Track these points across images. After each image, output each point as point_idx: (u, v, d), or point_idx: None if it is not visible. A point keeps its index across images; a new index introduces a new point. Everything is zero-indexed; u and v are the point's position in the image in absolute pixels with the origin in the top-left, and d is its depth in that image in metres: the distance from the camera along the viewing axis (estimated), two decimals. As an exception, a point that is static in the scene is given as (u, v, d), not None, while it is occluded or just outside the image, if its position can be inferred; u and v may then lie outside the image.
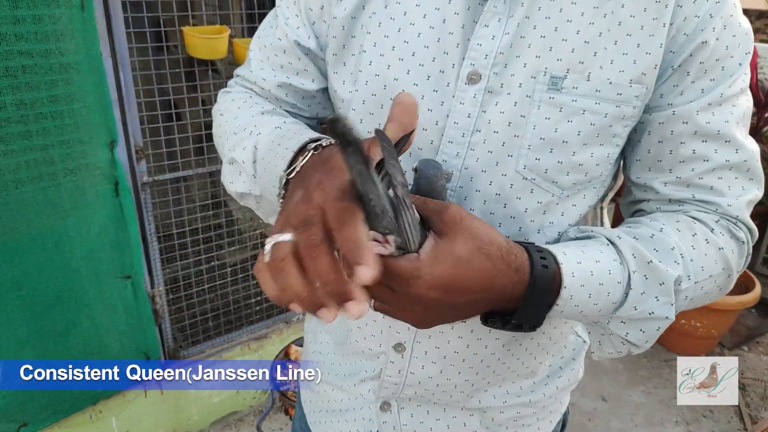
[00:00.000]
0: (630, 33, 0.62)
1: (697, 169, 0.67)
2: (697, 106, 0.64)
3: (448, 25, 0.65)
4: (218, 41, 1.71)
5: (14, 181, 1.49)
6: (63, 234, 1.62)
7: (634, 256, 0.61)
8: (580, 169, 0.66)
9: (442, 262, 0.52)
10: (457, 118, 0.65)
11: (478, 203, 0.67)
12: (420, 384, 0.77)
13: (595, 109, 0.63)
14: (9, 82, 1.42)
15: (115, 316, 1.81)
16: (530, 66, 0.63)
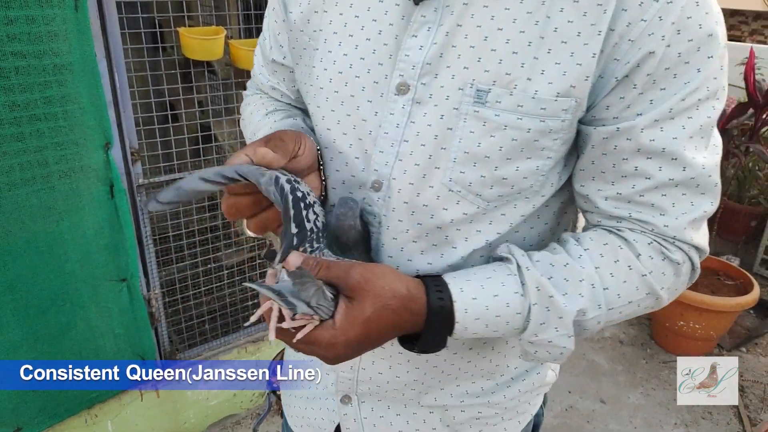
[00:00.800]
0: (565, 40, 0.59)
1: (638, 186, 0.64)
2: (643, 123, 0.61)
3: (383, 36, 0.66)
4: (214, 42, 1.70)
5: (7, 184, 1.48)
6: (57, 237, 1.61)
7: (537, 289, 0.64)
8: (504, 182, 0.65)
9: (355, 325, 0.60)
10: (387, 128, 0.67)
11: (406, 214, 0.68)
12: (371, 380, 0.80)
13: (517, 125, 0.62)
14: (1, 83, 1.41)
15: (110, 319, 1.80)
16: (458, 77, 0.62)
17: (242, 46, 1.79)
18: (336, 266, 0.61)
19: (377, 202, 0.70)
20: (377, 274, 0.62)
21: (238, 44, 1.79)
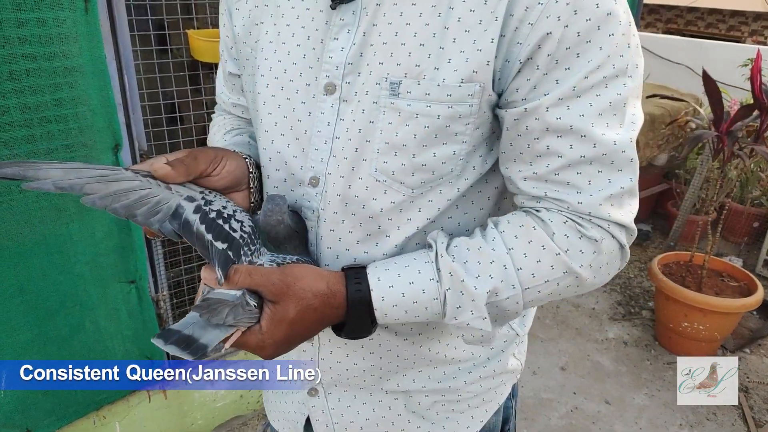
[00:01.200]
0: (468, 29, 0.62)
1: (552, 165, 0.66)
2: (548, 102, 0.63)
3: (311, 41, 0.72)
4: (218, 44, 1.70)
5: (18, 186, 1.48)
6: (67, 238, 1.61)
7: (450, 275, 0.68)
8: (424, 169, 0.68)
9: (280, 327, 0.65)
10: (320, 126, 0.72)
11: (340, 206, 0.73)
12: (332, 369, 0.83)
13: (427, 112, 0.65)
14: (13, 85, 1.41)
15: (119, 320, 1.80)
16: (375, 73, 0.67)
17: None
18: (257, 273, 0.66)
19: (315, 197, 0.74)
20: (297, 276, 0.67)
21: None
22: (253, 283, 0.65)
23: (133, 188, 0.68)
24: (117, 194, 0.66)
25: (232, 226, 0.72)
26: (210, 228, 0.69)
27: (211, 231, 0.69)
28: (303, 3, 0.73)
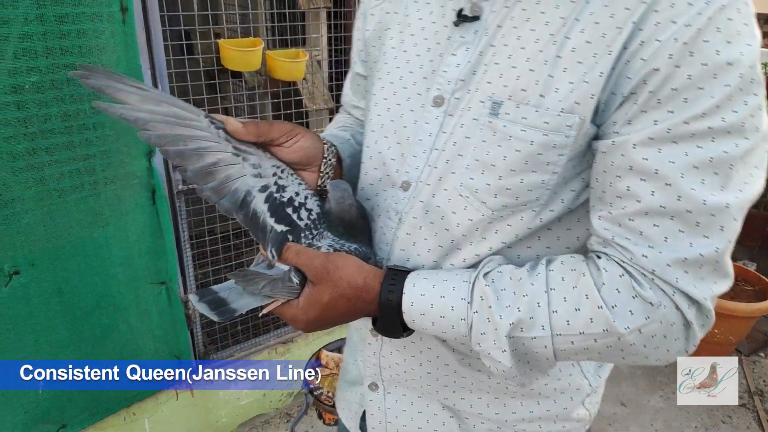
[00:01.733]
0: (581, 61, 0.61)
1: (628, 209, 0.61)
2: (637, 139, 0.59)
3: (430, 53, 0.74)
4: (253, 54, 1.75)
5: (57, 190, 1.54)
6: (102, 241, 1.67)
7: (481, 299, 0.67)
8: (508, 192, 0.67)
9: (314, 308, 0.71)
10: (422, 135, 0.74)
11: (421, 213, 0.74)
12: (391, 368, 0.85)
13: (521, 136, 0.64)
14: (54, 94, 1.46)
15: (149, 320, 1.86)
16: (481, 91, 0.68)
17: (278, 57, 1.85)
18: (304, 254, 0.72)
19: (402, 200, 0.76)
20: (338, 265, 0.71)
21: (274, 55, 1.84)
22: (299, 262, 0.72)
23: (196, 137, 0.71)
24: (177, 138, 0.69)
25: (300, 215, 0.77)
26: (275, 213, 0.75)
27: (275, 215, 0.75)
28: (430, 16, 0.75)
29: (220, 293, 0.73)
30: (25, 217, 1.50)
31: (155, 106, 0.70)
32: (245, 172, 0.74)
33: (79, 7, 1.43)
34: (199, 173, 0.71)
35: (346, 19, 2.16)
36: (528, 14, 0.65)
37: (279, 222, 0.75)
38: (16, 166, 1.45)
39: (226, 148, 0.73)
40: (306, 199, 0.78)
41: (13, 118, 1.41)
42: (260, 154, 0.76)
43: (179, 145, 0.70)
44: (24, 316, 1.58)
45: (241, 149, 0.74)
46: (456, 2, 0.72)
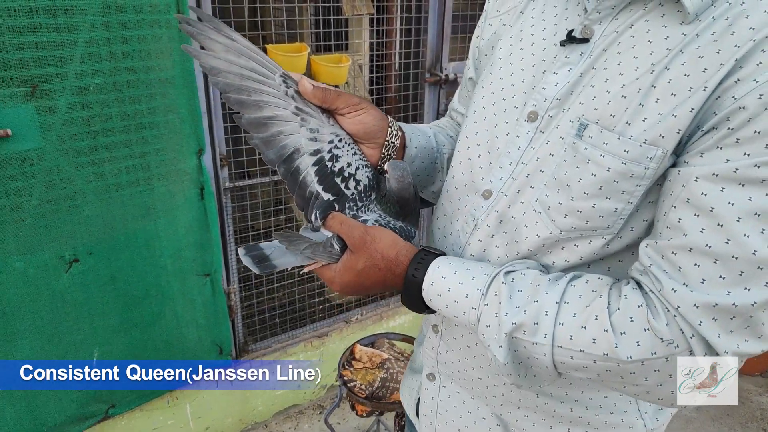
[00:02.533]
0: (675, 93, 0.60)
1: (673, 241, 0.60)
2: (700, 172, 0.58)
3: (534, 68, 0.75)
4: (299, 59, 1.83)
5: (115, 185, 1.65)
6: (154, 234, 1.77)
7: (495, 294, 0.69)
8: (579, 215, 0.67)
9: (349, 273, 0.77)
10: (511, 148, 0.75)
11: (495, 221, 0.76)
12: (446, 365, 0.90)
13: (599, 161, 0.64)
14: (116, 95, 1.57)
15: (194, 310, 1.96)
16: (572, 111, 0.68)
17: (322, 62, 1.92)
18: (347, 224, 0.78)
19: (481, 208, 0.78)
20: (375, 238, 0.77)
21: (318, 60, 1.92)
22: (341, 230, 0.78)
23: (262, 91, 0.78)
24: (243, 89, 0.77)
25: (348, 185, 0.83)
26: (324, 180, 0.81)
27: (323, 182, 0.81)
28: (543, 32, 0.76)
29: (265, 250, 0.79)
30: (86, 209, 1.61)
31: (235, 57, 0.76)
32: (299, 132, 0.80)
33: (140, 14, 1.53)
34: (253, 122, 0.78)
35: (388, 25, 2.22)
36: (635, 41, 0.65)
37: (327, 191, 0.81)
38: (80, 161, 1.56)
39: (288, 106, 0.79)
40: (357, 170, 0.83)
41: (78, 117, 1.52)
42: (323, 120, 0.82)
43: (243, 95, 0.77)
44: (81, 302, 1.70)
45: (304, 111, 0.80)
46: (570, 23, 0.73)
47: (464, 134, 0.84)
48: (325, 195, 0.81)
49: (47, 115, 1.47)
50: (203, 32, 0.75)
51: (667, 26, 0.63)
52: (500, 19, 0.86)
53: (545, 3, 0.79)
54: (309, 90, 0.79)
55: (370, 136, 0.84)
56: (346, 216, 0.81)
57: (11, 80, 1.39)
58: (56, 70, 1.45)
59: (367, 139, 0.84)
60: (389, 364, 1.93)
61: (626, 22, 0.67)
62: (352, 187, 0.83)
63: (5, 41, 1.35)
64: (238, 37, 0.77)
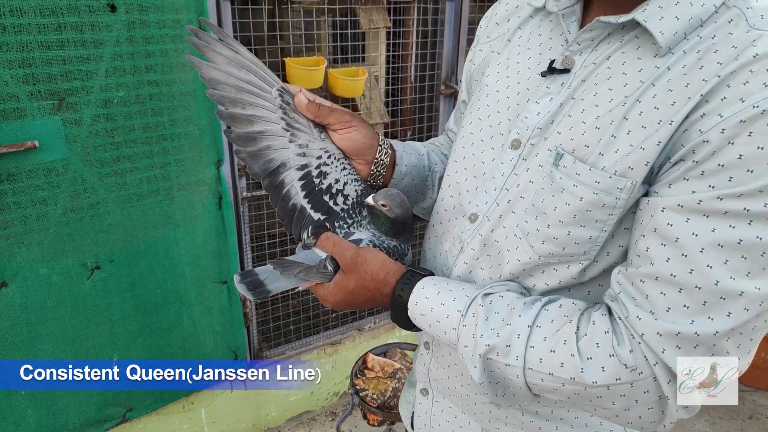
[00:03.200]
0: (645, 125, 0.61)
1: (641, 269, 0.61)
2: (667, 203, 0.59)
3: (519, 97, 0.77)
4: (317, 72, 1.87)
5: (137, 195, 1.69)
6: (173, 242, 1.82)
7: (472, 315, 0.71)
8: (555, 242, 0.69)
9: (340, 292, 0.81)
10: (496, 174, 0.77)
11: (479, 245, 0.79)
12: (437, 380, 0.92)
13: (572, 191, 0.66)
14: (138, 108, 1.61)
15: (211, 317, 2.00)
16: (551, 140, 0.70)
17: (339, 75, 1.96)
18: (339, 245, 0.81)
19: (468, 231, 0.81)
20: (366, 260, 0.80)
21: (336, 73, 1.95)
22: (334, 251, 0.81)
23: (256, 104, 0.81)
24: (237, 102, 0.80)
25: (336, 201, 0.85)
26: (313, 199, 0.84)
27: (312, 201, 0.84)
28: (528, 61, 0.78)
29: (259, 275, 0.82)
30: (108, 218, 1.66)
31: (236, 69, 0.79)
32: (288, 147, 0.83)
33: (163, 29, 1.58)
34: (242, 137, 0.81)
35: (404, 38, 2.25)
36: (611, 73, 0.67)
37: (317, 209, 0.84)
38: (103, 172, 1.60)
39: (279, 121, 0.82)
40: (345, 185, 0.85)
41: (102, 129, 1.56)
42: (314, 135, 0.84)
43: (237, 108, 0.79)
44: (102, 308, 1.74)
45: (295, 126, 0.83)
46: (554, 53, 0.76)
47: (453, 158, 0.87)
48: (315, 214, 0.84)
49: (73, 127, 1.52)
50: (208, 44, 0.78)
51: (641, 58, 0.65)
52: (490, 45, 0.88)
53: (531, 32, 0.81)
54: (303, 104, 0.82)
55: (359, 152, 0.87)
56: (338, 237, 0.83)
57: (39, 94, 1.44)
58: (82, 83, 1.50)
59: (357, 155, 0.87)
60: (401, 374, 1.95)
61: (604, 53, 0.69)
62: (340, 203, 0.85)
63: (35, 56, 1.40)
64: (242, 50, 0.80)
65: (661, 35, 0.62)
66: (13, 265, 1.53)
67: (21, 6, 1.35)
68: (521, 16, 0.84)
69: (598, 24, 0.68)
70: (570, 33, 0.73)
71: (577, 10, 0.74)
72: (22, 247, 1.53)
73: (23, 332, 1.61)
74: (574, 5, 0.74)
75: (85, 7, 1.43)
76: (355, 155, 0.87)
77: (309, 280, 0.82)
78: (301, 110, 0.83)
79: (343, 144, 0.86)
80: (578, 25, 0.73)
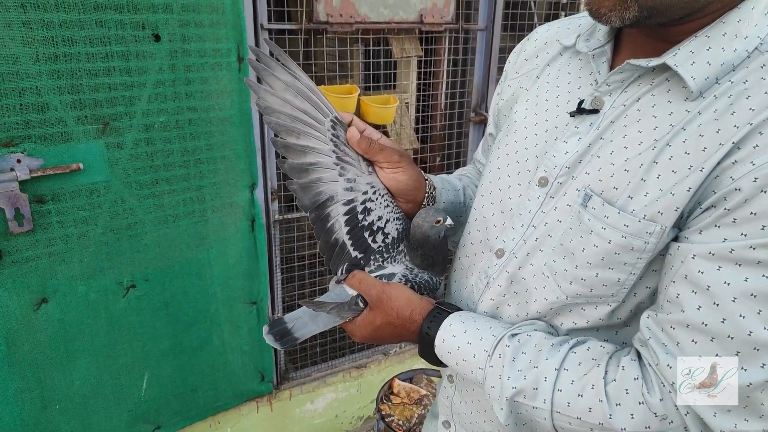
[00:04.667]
0: (676, 170, 0.61)
1: (672, 316, 0.61)
2: (698, 250, 0.58)
3: (547, 134, 0.78)
4: (349, 100, 1.91)
5: (173, 216, 1.74)
6: (206, 263, 1.86)
7: (499, 356, 0.72)
8: (583, 283, 0.69)
9: (367, 327, 0.84)
10: (523, 211, 0.78)
11: (506, 282, 0.79)
12: (460, 414, 0.92)
13: (600, 233, 0.66)
14: (178, 132, 1.67)
15: (240, 337, 2.03)
16: (579, 180, 0.71)
17: (371, 103, 1.99)
18: (365, 282, 0.84)
19: (494, 267, 0.81)
20: (391, 296, 0.82)
21: (368, 101, 1.99)
22: (360, 289, 0.84)
23: (310, 134, 0.82)
24: (292, 131, 0.81)
25: (375, 238, 0.86)
26: (354, 236, 0.86)
27: (353, 238, 0.86)
28: (556, 99, 0.79)
29: (287, 323, 0.86)
30: (145, 238, 1.71)
31: (292, 97, 0.81)
32: (337, 180, 0.84)
33: (204, 57, 1.64)
34: (295, 168, 0.82)
35: (435, 66, 2.29)
36: (641, 115, 0.67)
37: (356, 247, 0.86)
38: (142, 193, 1.66)
39: (331, 154, 0.83)
40: (387, 223, 0.87)
41: (142, 152, 1.62)
42: (362, 169, 0.85)
43: (291, 137, 0.81)
44: (135, 326, 1.78)
45: (344, 160, 0.84)
46: (583, 92, 0.76)
47: (480, 192, 0.88)
48: (353, 252, 0.86)
49: (115, 150, 1.58)
50: (268, 67, 0.79)
51: (672, 102, 0.65)
52: (518, 81, 0.90)
53: (560, 69, 0.82)
54: (355, 139, 0.84)
55: (403, 193, 0.89)
56: (365, 274, 0.86)
57: (86, 118, 1.50)
58: (126, 109, 1.56)
59: (400, 195, 0.89)
60: (427, 400, 1.95)
61: (634, 95, 0.69)
62: (379, 241, 0.87)
63: (83, 83, 1.47)
64: (301, 75, 0.81)
65: (693, 80, 0.62)
66: (53, 281, 1.59)
67: (73, 36, 1.42)
68: (550, 53, 0.86)
69: (629, 67, 0.69)
70: (600, 74, 0.74)
71: (607, 51, 0.75)
72: (63, 265, 1.58)
73: (60, 348, 1.65)
74: (605, 46, 0.75)
75: (131, 37, 1.50)
76: (399, 195, 0.89)
77: (341, 317, 0.85)
78: (352, 144, 0.84)
79: (388, 183, 0.88)
80: (608, 65, 0.74)
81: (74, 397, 1.72)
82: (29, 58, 1.38)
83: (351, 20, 1.90)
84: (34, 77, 1.39)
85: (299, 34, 1.89)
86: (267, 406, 2.23)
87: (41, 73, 1.40)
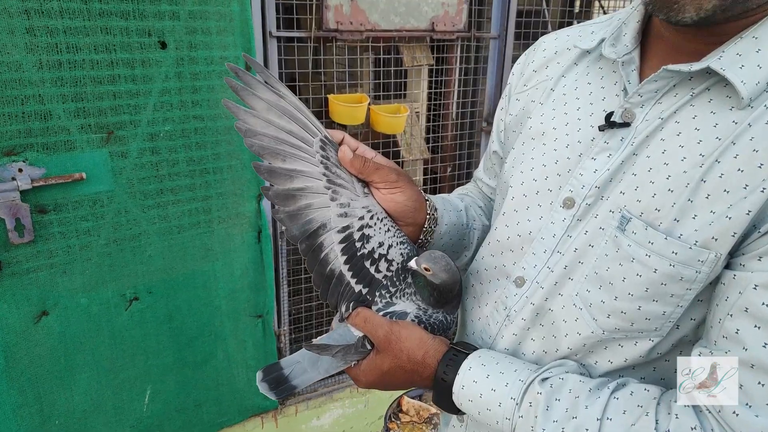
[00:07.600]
0: (728, 190, 0.55)
1: (732, 353, 0.54)
2: (760, 279, 0.52)
3: (569, 150, 0.71)
4: (359, 109, 1.87)
5: (178, 227, 1.70)
6: (211, 275, 1.82)
7: (530, 405, 0.64)
8: (623, 316, 0.62)
9: (373, 373, 0.75)
10: (545, 235, 0.70)
11: (531, 315, 0.71)
12: None
13: (645, 261, 0.59)
14: (183, 141, 1.63)
15: (245, 351, 1.98)
16: (612, 201, 0.64)
17: (381, 112, 1.96)
18: (371, 322, 0.74)
19: (514, 297, 0.73)
20: (400, 337, 0.72)
21: (377, 110, 1.95)
22: (365, 329, 0.74)
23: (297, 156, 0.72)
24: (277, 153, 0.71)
25: (379, 267, 0.76)
26: (354, 267, 0.76)
27: (352, 269, 0.76)
28: (577, 112, 0.72)
29: (284, 369, 0.77)
30: (148, 250, 1.67)
31: (276, 117, 0.71)
32: (329, 205, 0.74)
33: (211, 65, 1.60)
34: (281, 194, 0.72)
35: (447, 75, 2.25)
36: (681, 128, 0.60)
37: (359, 281, 0.76)
38: (146, 204, 1.62)
39: (320, 177, 0.73)
40: (389, 248, 0.77)
41: (147, 162, 1.59)
42: (356, 191, 0.76)
43: (277, 161, 0.71)
44: (138, 339, 1.74)
45: (336, 183, 0.75)
46: (608, 104, 0.69)
47: (497, 212, 0.82)
48: (356, 286, 0.76)
49: (119, 159, 1.54)
50: (249, 86, 0.70)
51: (715, 113, 0.58)
52: (528, 94, 0.82)
53: (577, 80, 0.75)
54: (347, 159, 0.74)
55: (402, 215, 0.79)
56: (371, 312, 0.76)
57: (89, 127, 1.47)
58: (130, 117, 1.52)
59: (400, 218, 0.79)
60: (437, 419, 1.89)
61: (671, 106, 0.62)
62: (383, 269, 0.77)
63: (87, 91, 1.43)
64: (286, 93, 0.73)
65: (743, 85, 0.55)
66: (54, 294, 1.55)
67: (77, 43, 1.38)
68: (562, 62, 0.79)
69: (665, 73, 0.61)
70: (630, 83, 0.67)
71: (635, 58, 0.67)
72: (65, 277, 1.55)
73: (60, 361, 1.61)
74: (632, 52, 0.68)
75: (137, 44, 1.47)
76: (398, 217, 0.79)
77: (347, 361, 0.76)
78: (345, 165, 0.75)
79: (385, 204, 0.78)
80: (637, 73, 0.67)
81: (74, 412, 1.68)
82: (32, 65, 1.34)
83: (361, 28, 1.86)
84: (37, 85, 1.36)
85: (308, 42, 1.86)
86: (272, 422, 2.18)
87: (44, 80, 1.37)
